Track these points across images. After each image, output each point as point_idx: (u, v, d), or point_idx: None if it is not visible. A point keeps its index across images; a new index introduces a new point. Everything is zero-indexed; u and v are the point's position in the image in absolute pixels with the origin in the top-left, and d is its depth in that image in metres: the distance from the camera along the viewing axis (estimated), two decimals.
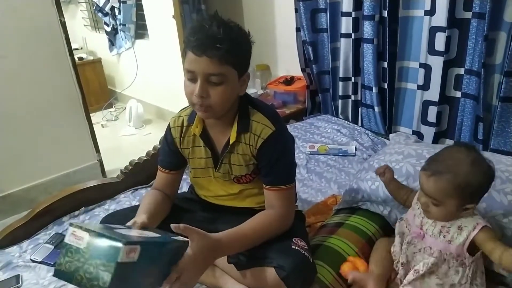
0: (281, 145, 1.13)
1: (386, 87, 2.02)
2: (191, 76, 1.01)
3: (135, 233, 0.91)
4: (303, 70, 2.43)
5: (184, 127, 1.19)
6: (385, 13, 1.87)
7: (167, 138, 1.23)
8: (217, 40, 0.96)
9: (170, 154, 1.24)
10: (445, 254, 1.05)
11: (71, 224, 0.77)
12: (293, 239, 1.10)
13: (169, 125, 1.22)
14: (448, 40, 1.72)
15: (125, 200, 1.72)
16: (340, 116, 2.35)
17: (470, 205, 1.02)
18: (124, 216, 1.31)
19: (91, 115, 2.63)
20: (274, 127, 1.10)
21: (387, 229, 1.35)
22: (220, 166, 1.18)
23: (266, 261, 1.04)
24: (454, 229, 1.04)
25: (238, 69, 1.03)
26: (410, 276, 1.09)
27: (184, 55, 1.02)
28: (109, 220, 1.32)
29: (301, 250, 1.07)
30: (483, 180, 1.00)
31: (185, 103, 1.13)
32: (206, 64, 0.97)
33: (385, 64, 1.97)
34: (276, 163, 1.11)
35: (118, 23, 3.78)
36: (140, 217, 1.03)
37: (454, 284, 1.05)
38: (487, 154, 1.41)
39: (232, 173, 1.18)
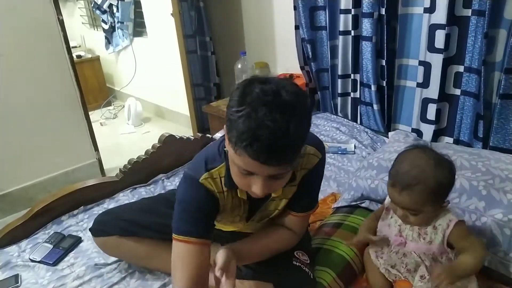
0: (322, 172, 1.08)
1: (384, 84, 2.02)
2: (247, 173, 0.82)
3: None
4: (302, 68, 2.42)
5: (225, 192, 0.98)
6: (384, 11, 1.86)
7: (207, 202, 0.96)
8: (287, 149, 0.76)
9: (206, 217, 0.97)
10: (429, 255, 1.07)
11: None
12: (295, 253, 1.08)
13: (205, 189, 0.95)
14: (447, 37, 1.71)
15: (124, 199, 1.72)
16: (339, 114, 2.35)
17: (445, 202, 1.04)
18: (119, 216, 1.30)
19: (89, 113, 2.63)
20: (320, 154, 1.01)
21: None
22: (255, 216, 1.07)
23: (266, 276, 1.02)
24: (430, 230, 1.06)
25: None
26: (418, 283, 1.08)
27: (229, 141, 0.79)
28: (104, 218, 1.32)
29: (302, 266, 1.05)
30: (450, 176, 1.01)
31: (183, 101, 1.10)
32: (271, 170, 0.79)
33: (384, 62, 1.96)
34: (313, 190, 1.06)
35: (116, 20, 3.77)
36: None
37: None
38: (486, 152, 1.42)
39: (268, 217, 1.08)
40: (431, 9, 1.74)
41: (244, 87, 0.78)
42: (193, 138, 1.97)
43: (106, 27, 3.92)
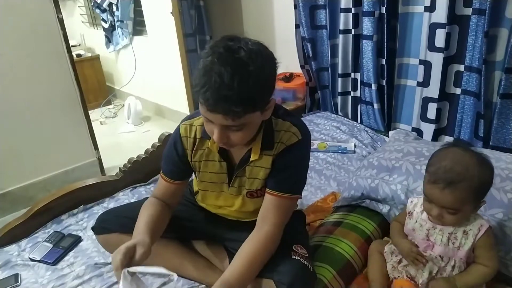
0: (301, 154, 1.09)
1: (385, 84, 2.01)
2: (207, 120, 0.92)
3: None
4: (302, 67, 2.42)
5: (197, 139, 1.10)
6: (384, 10, 1.86)
7: (177, 148, 1.12)
8: (230, 100, 0.82)
9: (177, 164, 1.14)
10: (454, 261, 1.07)
11: None
12: (293, 247, 1.08)
13: (179, 133, 1.11)
14: (448, 36, 1.71)
15: (123, 198, 1.72)
16: (340, 113, 2.34)
17: (482, 202, 1.03)
18: (120, 214, 1.30)
19: (89, 112, 2.62)
20: (301, 136, 1.05)
21: (385, 228, 1.35)
22: (234, 181, 1.12)
23: (266, 273, 1.02)
24: (460, 234, 1.05)
25: (260, 109, 0.92)
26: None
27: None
28: (106, 217, 1.32)
29: (301, 259, 1.05)
30: (492, 175, 1.01)
31: (183, 100, 1.11)
32: (222, 119, 0.87)
33: (384, 61, 1.96)
34: (289, 169, 1.06)
35: (116, 19, 3.76)
36: (144, 240, 0.99)
37: None
38: (486, 151, 1.42)
39: (246, 187, 1.12)
40: (431, 8, 1.73)
41: (216, 41, 0.88)
42: None
43: (106, 26, 3.91)
